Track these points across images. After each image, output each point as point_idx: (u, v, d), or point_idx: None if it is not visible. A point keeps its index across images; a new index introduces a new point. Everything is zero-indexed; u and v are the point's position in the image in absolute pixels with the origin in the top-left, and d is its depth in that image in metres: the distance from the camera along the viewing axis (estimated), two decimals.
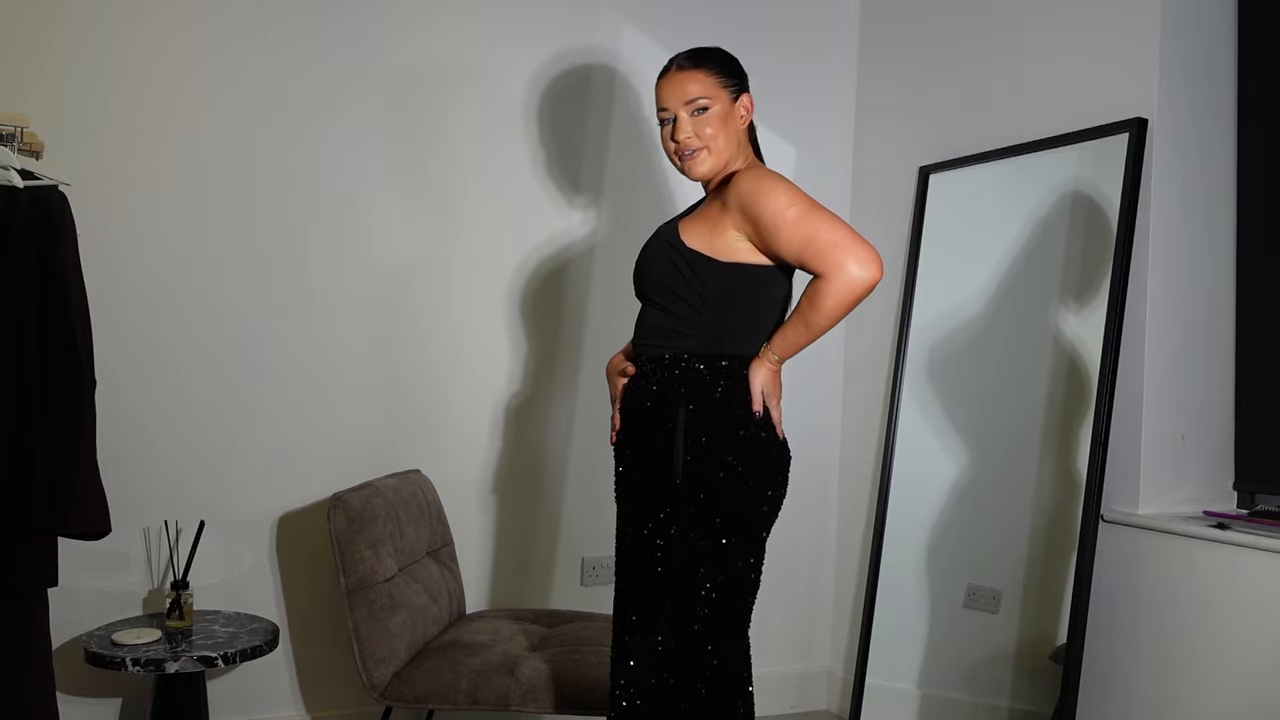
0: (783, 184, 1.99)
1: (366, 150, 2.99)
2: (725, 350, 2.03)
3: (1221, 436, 2.63)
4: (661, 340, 2.07)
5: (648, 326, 2.12)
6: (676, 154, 2.11)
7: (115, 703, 2.80)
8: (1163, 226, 2.57)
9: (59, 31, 2.70)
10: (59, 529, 2.23)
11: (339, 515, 2.44)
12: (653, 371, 2.07)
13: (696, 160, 2.09)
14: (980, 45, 3.07)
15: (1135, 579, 2.54)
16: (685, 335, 2.04)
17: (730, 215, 2.01)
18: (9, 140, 2.26)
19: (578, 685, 2.38)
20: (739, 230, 2.01)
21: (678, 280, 2.05)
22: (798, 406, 2.22)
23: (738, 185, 2.02)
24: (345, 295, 2.98)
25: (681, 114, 2.08)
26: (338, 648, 2.86)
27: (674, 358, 2.04)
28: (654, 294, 2.10)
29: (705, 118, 2.08)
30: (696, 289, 2.03)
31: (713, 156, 2.09)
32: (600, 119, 3.22)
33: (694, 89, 2.08)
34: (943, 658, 2.96)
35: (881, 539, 3.17)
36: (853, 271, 1.89)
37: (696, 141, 2.08)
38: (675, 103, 2.08)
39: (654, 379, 2.06)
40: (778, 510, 2.07)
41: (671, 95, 2.09)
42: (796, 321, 1.98)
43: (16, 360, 2.16)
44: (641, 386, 2.09)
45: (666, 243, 2.09)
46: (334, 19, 2.95)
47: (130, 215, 2.78)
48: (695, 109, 2.07)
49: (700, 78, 2.08)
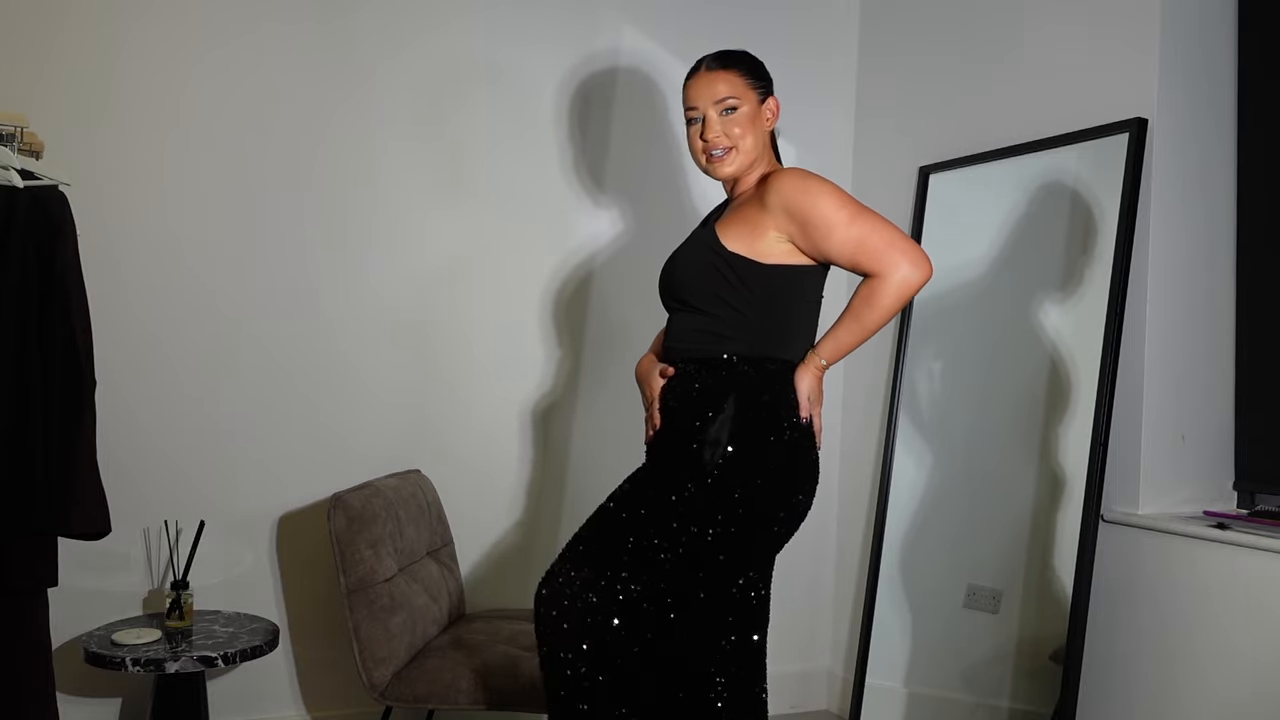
0: (829, 186, 2.00)
1: (369, 152, 2.98)
2: (770, 353, 2.04)
3: (1221, 436, 2.63)
4: (706, 344, 2.06)
5: (688, 331, 2.09)
6: (704, 153, 2.11)
7: (115, 703, 2.80)
8: (1163, 226, 2.57)
9: (59, 32, 2.70)
10: (59, 529, 2.23)
11: (339, 515, 2.44)
12: (697, 372, 2.06)
13: (725, 160, 2.10)
14: (980, 46, 3.07)
15: (1135, 579, 2.54)
16: (730, 339, 2.04)
17: (772, 216, 2.01)
18: (9, 140, 2.26)
19: None
20: (781, 231, 2.01)
21: (722, 285, 2.04)
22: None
23: (779, 187, 2.02)
24: (346, 295, 2.98)
25: (710, 113, 2.09)
26: (338, 648, 2.86)
27: (722, 360, 2.04)
28: (695, 300, 2.07)
29: (734, 118, 2.09)
30: (742, 293, 2.03)
31: (740, 156, 2.10)
32: (603, 122, 3.22)
33: (723, 89, 2.08)
34: (942, 658, 2.96)
35: (881, 539, 3.17)
36: (907, 271, 1.93)
37: (725, 141, 2.09)
38: (705, 102, 2.09)
39: (697, 378, 2.05)
40: (802, 518, 2.07)
41: (701, 94, 2.09)
42: (849, 322, 1.98)
43: (16, 360, 2.16)
44: (684, 386, 2.07)
45: (707, 248, 2.07)
46: (338, 21, 2.95)
47: (130, 215, 2.78)
48: (724, 109, 2.08)
49: (729, 78, 2.10)
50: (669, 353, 2.13)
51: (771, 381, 2.02)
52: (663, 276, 2.17)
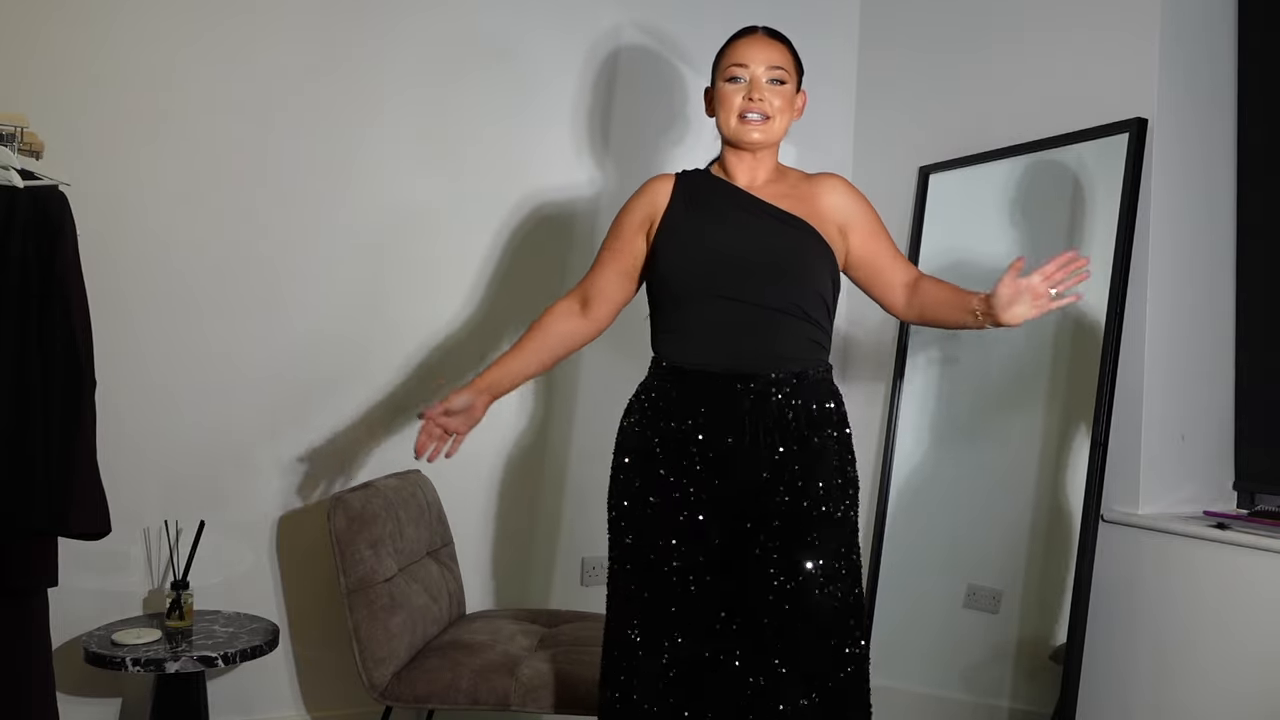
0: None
1: (371, 154, 2.98)
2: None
3: (1221, 436, 2.63)
4: (809, 353, 2.00)
5: (790, 339, 1.97)
6: (742, 113, 2.00)
7: (115, 703, 2.80)
8: (1163, 226, 2.57)
9: (59, 32, 2.70)
10: (59, 529, 2.23)
11: (339, 515, 2.44)
12: (800, 387, 1.98)
13: (763, 127, 2.01)
14: (980, 45, 3.07)
15: (1135, 579, 2.54)
16: (826, 349, 2.03)
17: (835, 222, 2.03)
18: (9, 140, 2.26)
19: (578, 685, 2.38)
20: (839, 238, 2.04)
21: (830, 289, 2.03)
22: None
23: (850, 194, 2.06)
24: (347, 296, 2.98)
25: (761, 76, 2.01)
26: (338, 648, 2.85)
27: (825, 373, 2.02)
28: (806, 304, 1.97)
29: (780, 90, 2.02)
30: (835, 296, 2.06)
31: (773, 130, 2.02)
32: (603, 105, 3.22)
33: (777, 57, 2.02)
34: (942, 657, 2.96)
35: (881, 539, 3.17)
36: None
37: (767, 108, 2.00)
38: (759, 64, 2.00)
39: (802, 393, 1.97)
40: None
41: (756, 55, 2.01)
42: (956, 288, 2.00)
43: (16, 360, 2.16)
44: (780, 400, 1.95)
45: (819, 242, 2.00)
46: (343, 21, 2.95)
47: (130, 215, 2.78)
48: (773, 78, 2.01)
49: (784, 51, 2.05)
50: (739, 363, 1.97)
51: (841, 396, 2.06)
52: (765, 264, 1.98)
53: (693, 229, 2.02)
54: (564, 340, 2.14)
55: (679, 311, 2.02)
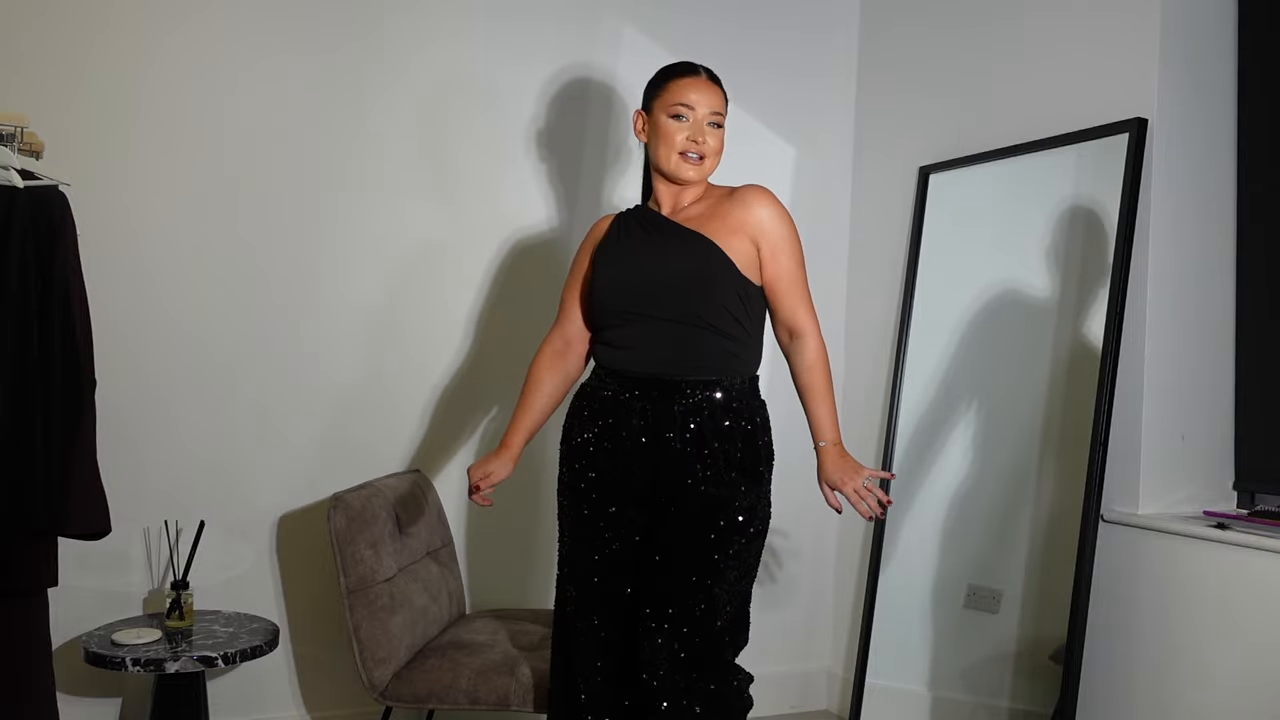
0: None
1: (371, 157, 2.98)
2: (754, 376, 2.20)
3: (1221, 436, 2.63)
4: (724, 366, 2.13)
5: (703, 352, 2.11)
6: (683, 152, 2.15)
7: (115, 703, 2.80)
8: (1163, 226, 2.57)
9: (60, 32, 2.70)
10: (59, 529, 2.23)
11: (339, 515, 2.44)
12: (723, 397, 2.12)
13: (700, 166, 2.17)
14: (980, 45, 3.07)
15: (1135, 579, 2.54)
16: (744, 361, 2.15)
17: (747, 235, 2.12)
18: (9, 140, 2.26)
19: None
20: (751, 250, 2.13)
21: (736, 303, 2.12)
22: (797, 405, 2.22)
23: (764, 207, 2.14)
24: (347, 296, 2.98)
25: (703, 119, 2.16)
26: (338, 648, 2.86)
27: (745, 383, 2.16)
28: (712, 318, 2.10)
29: (717, 133, 2.18)
30: (748, 311, 2.14)
31: (707, 169, 2.18)
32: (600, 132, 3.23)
33: (718, 103, 2.17)
34: (943, 658, 2.96)
35: (881, 539, 3.17)
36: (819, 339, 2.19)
37: (706, 149, 2.16)
38: (703, 107, 2.15)
39: (727, 400, 2.13)
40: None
41: (701, 99, 2.15)
42: (829, 392, 2.20)
43: (16, 360, 2.16)
44: (710, 405, 2.11)
45: (722, 265, 2.11)
46: (345, 22, 2.95)
47: (130, 215, 2.78)
48: (713, 121, 2.17)
49: (722, 97, 2.19)
50: (665, 373, 2.13)
51: (763, 408, 2.22)
52: (663, 281, 2.13)
53: (615, 255, 2.21)
54: (560, 385, 2.33)
55: (605, 327, 2.20)
